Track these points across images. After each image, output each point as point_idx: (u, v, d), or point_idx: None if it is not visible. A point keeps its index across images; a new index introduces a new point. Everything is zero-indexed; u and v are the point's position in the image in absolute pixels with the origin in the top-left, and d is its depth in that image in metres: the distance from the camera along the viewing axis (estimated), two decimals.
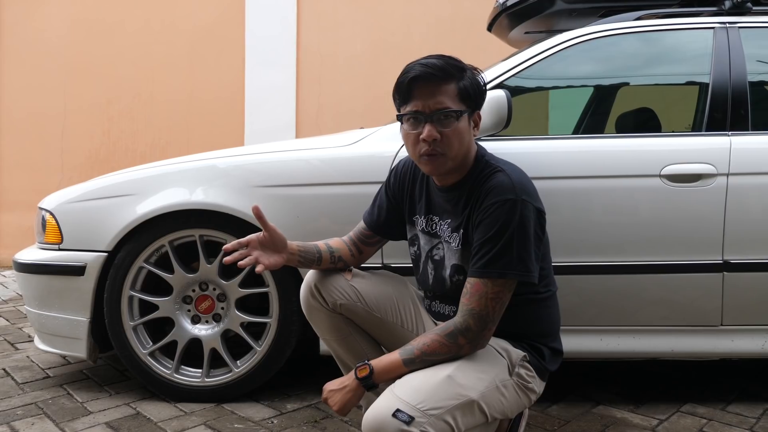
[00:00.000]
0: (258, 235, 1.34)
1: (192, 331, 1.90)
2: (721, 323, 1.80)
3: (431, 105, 1.25)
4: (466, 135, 1.28)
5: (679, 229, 1.76)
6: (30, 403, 1.90)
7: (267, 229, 1.34)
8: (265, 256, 1.33)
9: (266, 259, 1.33)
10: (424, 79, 1.24)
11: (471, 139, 1.31)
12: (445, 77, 1.25)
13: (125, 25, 4.66)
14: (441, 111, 1.24)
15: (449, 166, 1.29)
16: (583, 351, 1.82)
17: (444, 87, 1.25)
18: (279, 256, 1.36)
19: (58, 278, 1.90)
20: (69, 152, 4.69)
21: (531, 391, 1.32)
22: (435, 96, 1.24)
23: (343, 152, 1.85)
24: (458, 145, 1.27)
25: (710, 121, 1.86)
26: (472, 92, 1.28)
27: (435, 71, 1.24)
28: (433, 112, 1.25)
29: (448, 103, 1.25)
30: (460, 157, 1.29)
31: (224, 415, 1.80)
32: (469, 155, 1.31)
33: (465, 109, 1.27)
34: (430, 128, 1.25)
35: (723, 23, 1.95)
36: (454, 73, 1.26)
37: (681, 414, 1.83)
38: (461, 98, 1.26)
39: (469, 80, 1.28)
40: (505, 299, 1.23)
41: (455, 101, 1.26)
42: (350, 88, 4.53)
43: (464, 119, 1.27)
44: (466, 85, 1.27)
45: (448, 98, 1.25)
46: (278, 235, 1.35)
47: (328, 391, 1.28)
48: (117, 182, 1.92)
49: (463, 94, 1.26)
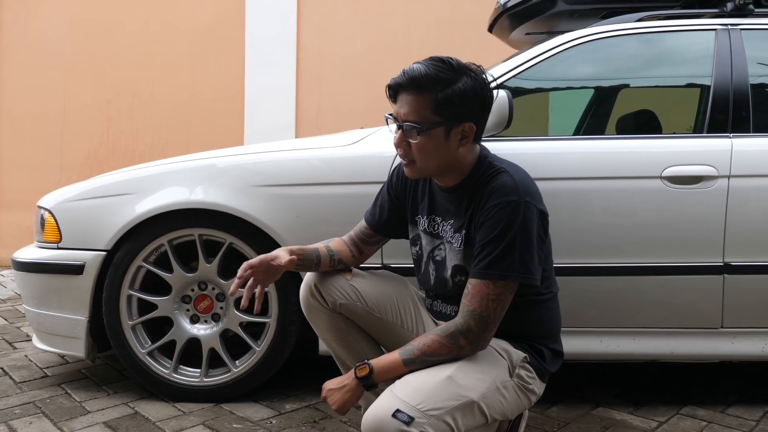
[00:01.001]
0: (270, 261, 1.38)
1: (191, 330, 1.90)
2: (722, 325, 1.80)
3: (401, 114, 1.25)
4: (440, 149, 1.25)
5: (680, 230, 1.76)
6: (28, 402, 1.89)
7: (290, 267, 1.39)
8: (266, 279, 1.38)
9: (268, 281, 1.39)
10: (400, 86, 1.25)
11: (451, 152, 1.26)
12: (418, 88, 1.22)
13: (125, 25, 4.66)
14: (406, 123, 1.24)
15: (424, 173, 1.31)
16: (583, 352, 1.82)
17: (416, 98, 1.23)
18: (276, 272, 1.39)
19: (56, 277, 1.89)
20: (68, 152, 4.68)
21: (531, 393, 1.32)
22: (406, 106, 1.24)
23: (344, 152, 1.84)
24: (425, 158, 1.26)
25: (711, 122, 1.86)
26: (458, 102, 1.22)
27: (408, 81, 1.23)
28: (402, 121, 1.25)
29: (413, 116, 1.23)
30: (432, 168, 1.29)
31: (223, 415, 1.80)
32: (456, 163, 1.29)
33: (438, 122, 1.22)
34: (399, 136, 1.27)
35: (725, 25, 1.94)
36: (429, 85, 1.21)
37: (681, 416, 1.83)
38: (436, 110, 1.22)
39: (456, 90, 1.21)
40: (506, 301, 1.23)
41: (427, 113, 1.22)
42: (350, 88, 4.53)
43: (436, 133, 1.23)
44: (445, 96, 1.21)
45: (417, 110, 1.23)
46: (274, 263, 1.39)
47: (327, 390, 1.28)
48: (116, 181, 1.92)
49: (440, 105, 1.21)
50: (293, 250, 1.40)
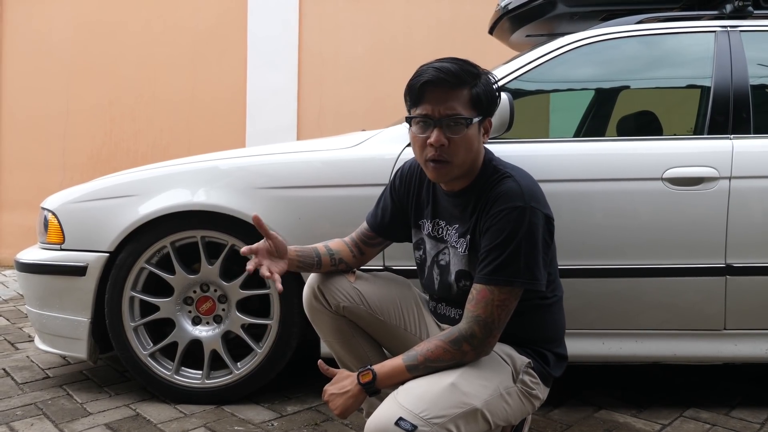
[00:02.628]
0: (264, 243, 1.33)
1: (193, 332, 1.90)
2: (724, 327, 1.80)
3: (441, 110, 1.23)
4: (475, 142, 1.26)
5: (682, 232, 1.76)
6: (29, 404, 1.90)
7: (269, 237, 1.33)
8: (273, 264, 1.33)
9: (275, 267, 1.32)
10: (436, 83, 1.22)
11: (480, 147, 1.29)
12: (458, 83, 1.23)
13: (127, 27, 4.67)
14: (451, 117, 1.23)
15: (455, 173, 1.28)
16: (586, 355, 1.82)
17: (456, 93, 1.23)
18: (283, 262, 1.35)
19: (59, 278, 1.89)
20: (71, 152, 4.69)
21: (535, 398, 1.31)
22: (446, 101, 1.23)
23: (346, 154, 1.85)
24: (465, 153, 1.25)
25: (712, 124, 1.86)
26: (485, 99, 1.25)
27: (448, 77, 1.22)
28: (442, 117, 1.23)
29: (459, 109, 1.23)
30: (466, 165, 1.28)
31: (224, 417, 1.80)
32: (476, 162, 1.30)
33: (476, 116, 1.25)
34: (438, 133, 1.23)
35: (724, 27, 1.95)
36: (467, 79, 1.23)
37: (684, 419, 1.82)
38: (473, 105, 1.24)
39: (483, 87, 1.25)
40: (511, 307, 1.22)
41: (467, 108, 1.24)
42: (351, 90, 4.54)
43: (474, 126, 1.25)
44: (479, 91, 1.24)
45: (459, 104, 1.23)
46: (280, 242, 1.35)
47: (329, 395, 1.27)
48: (119, 183, 1.92)
49: (476, 100, 1.24)
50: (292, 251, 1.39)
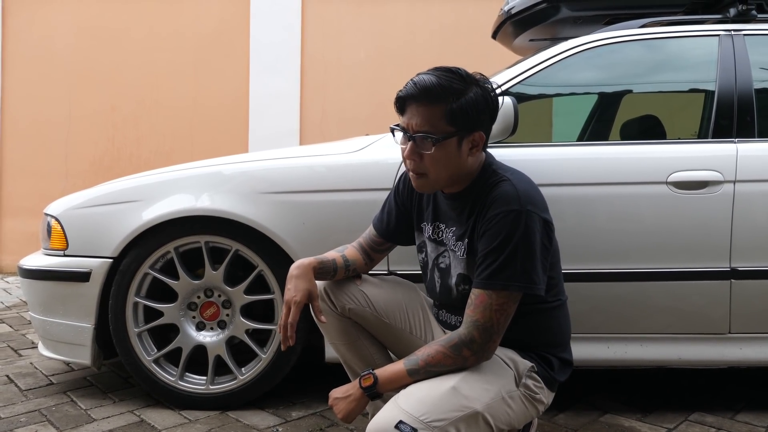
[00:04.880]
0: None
1: (197, 337, 1.90)
2: (729, 331, 1.79)
3: (413, 125, 1.24)
4: (452, 159, 1.25)
5: (686, 236, 1.75)
6: (33, 410, 1.89)
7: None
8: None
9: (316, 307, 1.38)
10: (411, 98, 1.23)
11: (463, 160, 1.26)
12: (433, 99, 1.21)
13: (130, 33, 4.69)
14: (419, 134, 1.23)
15: (436, 186, 1.30)
16: (591, 359, 1.81)
17: (431, 109, 1.22)
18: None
19: (62, 284, 1.89)
20: (73, 158, 4.70)
21: (539, 402, 1.30)
22: (417, 117, 1.23)
23: (349, 159, 1.85)
24: (439, 169, 1.25)
25: (716, 128, 1.86)
26: (470, 113, 1.22)
27: (420, 92, 1.21)
28: (415, 132, 1.24)
29: (428, 126, 1.22)
30: (443, 180, 1.28)
31: (229, 423, 1.79)
32: (462, 173, 1.28)
33: (452, 133, 1.22)
34: (411, 148, 1.25)
35: (728, 31, 1.95)
36: (443, 95, 1.21)
37: (689, 423, 1.81)
38: (450, 121, 1.22)
39: (467, 101, 1.22)
40: (510, 311, 1.22)
41: (440, 124, 1.22)
42: (354, 95, 4.55)
43: (449, 143, 1.23)
44: (459, 106, 1.21)
45: (432, 120, 1.22)
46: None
47: (333, 399, 1.28)
48: (123, 188, 1.92)
49: (453, 116, 1.21)
50: (313, 264, 1.38)
